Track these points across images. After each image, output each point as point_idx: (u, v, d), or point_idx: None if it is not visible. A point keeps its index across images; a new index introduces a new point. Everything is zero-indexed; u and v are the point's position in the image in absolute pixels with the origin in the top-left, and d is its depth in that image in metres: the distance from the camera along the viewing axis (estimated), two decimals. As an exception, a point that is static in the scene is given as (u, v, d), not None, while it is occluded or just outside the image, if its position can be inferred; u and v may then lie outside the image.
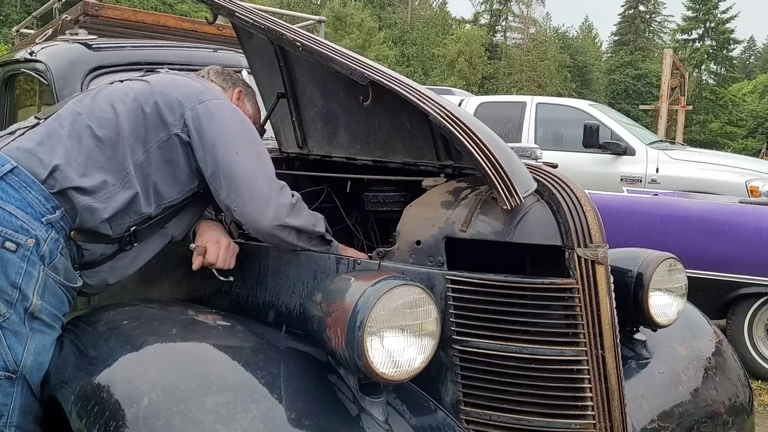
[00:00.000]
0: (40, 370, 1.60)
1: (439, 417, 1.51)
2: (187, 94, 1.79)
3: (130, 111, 1.74)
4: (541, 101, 8.20)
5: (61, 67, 2.55)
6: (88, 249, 1.71)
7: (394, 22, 49.85)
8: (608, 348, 1.50)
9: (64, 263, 1.65)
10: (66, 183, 1.63)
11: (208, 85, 1.91)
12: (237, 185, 1.71)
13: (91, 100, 1.79)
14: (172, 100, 1.76)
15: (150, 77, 1.88)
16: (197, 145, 1.74)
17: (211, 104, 1.79)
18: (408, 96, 1.58)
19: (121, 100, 1.76)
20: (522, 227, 1.52)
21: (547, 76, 46.78)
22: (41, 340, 1.60)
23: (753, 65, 63.32)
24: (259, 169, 1.75)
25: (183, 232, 1.90)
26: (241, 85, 2.12)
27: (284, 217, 1.70)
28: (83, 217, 1.65)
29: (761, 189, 6.20)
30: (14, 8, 31.13)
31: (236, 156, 1.72)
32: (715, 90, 44.86)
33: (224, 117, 1.77)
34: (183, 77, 1.91)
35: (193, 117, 1.75)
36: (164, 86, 1.81)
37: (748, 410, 2.03)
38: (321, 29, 4.18)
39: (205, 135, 1.74)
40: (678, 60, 12.65)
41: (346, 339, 1.37)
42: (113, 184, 1.68)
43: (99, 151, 1.69)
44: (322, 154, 2.23)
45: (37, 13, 4.52)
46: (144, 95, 1.77)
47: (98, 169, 1.68)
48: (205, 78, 2.04)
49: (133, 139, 1.72)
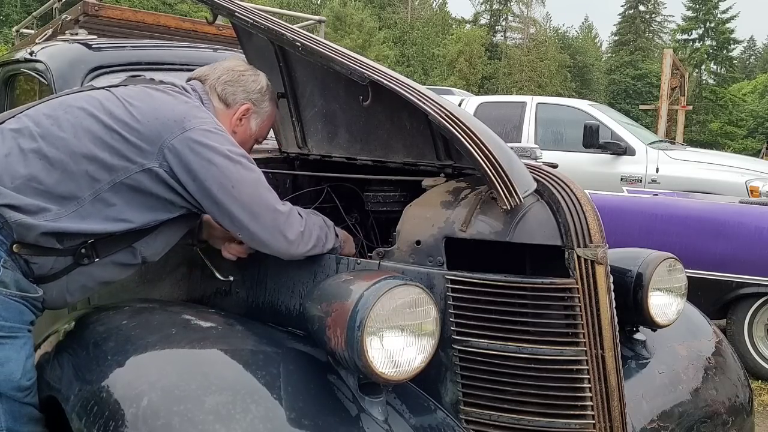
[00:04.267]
0: (10, 379, 1.52)
1: (439, 417, 1.51)
2: (167, 123, 1.59)
3: (92, 134, 1.57)
4: (541, 101, 8.20)
5: (61, 67, 2.55)
6: (35, 262, 1.56)
7: (394, 22, 49.84)
8: (608, 348, 1.50)
9: (12, 276, 1.52)
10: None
11: (189, 108, 1.67)
12: (239, 221, 1.61)
13: (49, 112, 1.62)
14: (150, 130, 1.58)
15: (126, 94, 1.67)
16: (185, 180, 1.58)
17: (194, 134, 1.59)
18: (408, 96, 1.58)
19: (83, 118, 1.59)
20: (522, 227, 1.52)
21: (547, 76, 46.76)
22: (1, 351, 1.51)
23: (753, 65, 63.29)
24: (259, 203, 1.62)
25: (157, 254, 1.74)
26: (253, 99, 1.87)
27: (294, 250, 1.66)
28: (18, 231, 1.51)
29: (761, 189, 6.20)
30: (14, 8, 31.13)
31: (232, 190, 1.58)
32: (715, 90, 44.85)
33: (211, 147, 1.59)
34: (164, 95, 1.69)
35: (174, 151, 1.57)
36: (141, 111, 1.61)
37: (748, 410, 2.03)
38: (321, 29, 4.17)
39: (194, 171, 1.57)
40: (678, 60, 12.65)
41: (346, 339, 1.37)
42: (57, 210, 1.53)
43: (46, 173, 1.53)
44: (322, 154, 2.23)
45: (37, 13, 4.52)
46: (114, 119, 1.59)
47: (40, 193, 1.52)
48: (210, 89, 1.82)
49: (95, 167, 1.55)
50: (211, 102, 1.81)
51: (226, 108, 1.84)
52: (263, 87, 1.91)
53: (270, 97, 1.93)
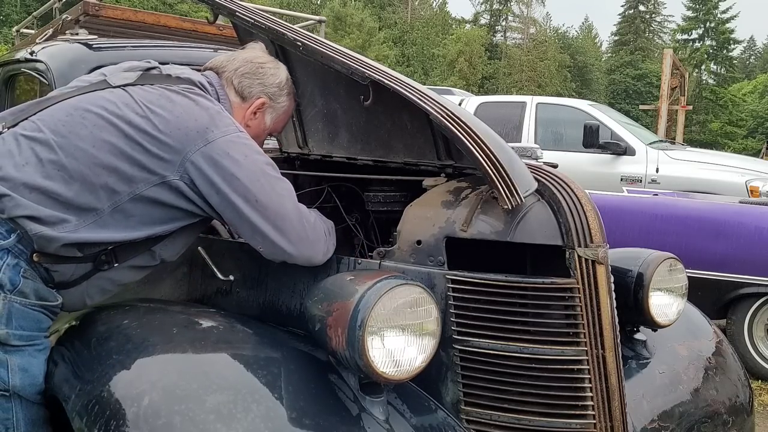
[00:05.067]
0: (33, 384, 1.54)
1: (440, 416, 1.51)
2: (189, 134, 1.56)
3: (112, 145, 1.54)
4: (541, 101, 8.21)
5: (62, 67, 2.55)
6: (56, 270, 1.55)
7: (394, 22, 49.84)
8: (608, 348, 1.50)
9: (33, 286, 1.51)
10: (17, 211, 1.47)
11: (211, 116, 1.62)
12: (262, 233, 1.59)
13: (65, 118, 1.58)
14: (172, 140, 1.55)
15: (142, 96, 1.62)
16: (208, 193, 1.56)
17: (217, 146, 1.56)
18: (409, 96, 1.58)
19: (102, 126, 1.56)
20: (522, 227, 1.52)
21: (547, 76, 46.78)
22: (22, 358, 1.52)
23: (753, 65, 63.33)
24: (284, 216, 1.60)
25: (176, 254, 1.75)
26: (269, 93, 1.83)
27: (315, 259, 1.67)
28: (39, 243, 1.49)
29: (761, 189, 6.21)
30: (14, 8, 31.14)
31: (256, 204, 1.56)
32: (715, 90, 44.86)
33: (235, 160, 1.56)
34: (186, 101, 1.63)
35: (196, 165, 1.55)
36: (162, 120, 1.57)
37: (748, 410, 2.03)
38: (321, 29, 4.18)
39: (217, 185, 1.55)
40: (678, 60, 12.65)
41: (347, 338, 1.37)
42: (76, 221, 1.51)
43: (65, 185, 1.51)
44: (323, 153, 2.23)
45: (37, 13, 4.53)
46: (135, 129, 1.56)
47: (59, 205, 1.50)
48: (226, 82, 1.79)
49: (115, 178, 1.53)
50: (227, 96, 1.78)
51: (241, 101, 1.81)
52: (282, 81, 1.86)
53: (288, 92, 1.89)
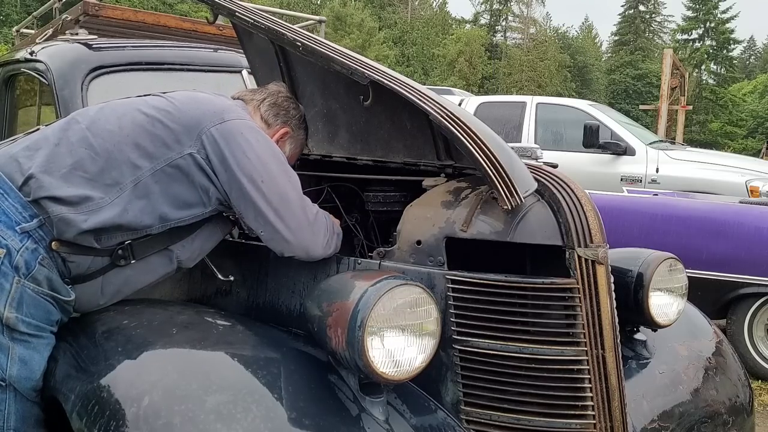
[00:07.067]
0: (30, 378, 1.55)
1: (440, 417, 1.51)
2: (207, 113, 1.66)
3: (136, 124, 1.64)
4: (541, 101, 8.19)
5: (62, 66, 2.55)
6: (72, 261, 1.59)
7: (394, 22, 49.84)
8: (608, 348, 1.50)
9: (47, 274, 1.55)
10: (40, 192, 1.54)
11: (232, 105, 1.76)
12: (264, 217, 1.62)
13: (97, 110, 1.70)
14: (190, 118, 1.65)
15: (171, 93, 1.77)
16: (218, 169, 1.63)
17: (233, 125, 1.65)
18: (408, 96, 1.58)
19: (128, 112, 1.67)
20: (522, 227, 1.52)
21: (547, 76, 46.77)
22: (25, 349, 1.54)
23: (753, 65, 63.31)
24: (288, 202, 1.63)
25: (193, 259, 1.77)
26: (292, 124, 1.93)
27: (314, 252, 1.67)
28: (59, 228, 1.54)
29: (761, 189, 6.20)
30: (14, 8, 31.12)
31: (262, 185, 1.61)
32: (715, 90, 44.87)
33: (248, 141, 1.64)
34: (206, 94, 1.78)
35: (212, 139, 1.62)
36: (183, 102, 1.70)
37: (748, 410, 2.03)
38: (321, 29, 4.18)
39: (227, 160, 1.61)
40: (678, 60, 12.65)
41: (347, 339, 1.37)
42: (100, 198, 1.57)
43: (91, 161, 1.59)
44: (323, 153, 2.23)
45: (37, 13, 4.52)
46: (157, 109, 1.67)
47: (85, 182, 1.57)
48: (253, 109, 1.87)
49: (137, 154, 1.61)
50: (254, 120, 1.83)
51: (267, 127, 1.88)
52: (302, 116, 1.99)
53: (305, 128, 2.01)
